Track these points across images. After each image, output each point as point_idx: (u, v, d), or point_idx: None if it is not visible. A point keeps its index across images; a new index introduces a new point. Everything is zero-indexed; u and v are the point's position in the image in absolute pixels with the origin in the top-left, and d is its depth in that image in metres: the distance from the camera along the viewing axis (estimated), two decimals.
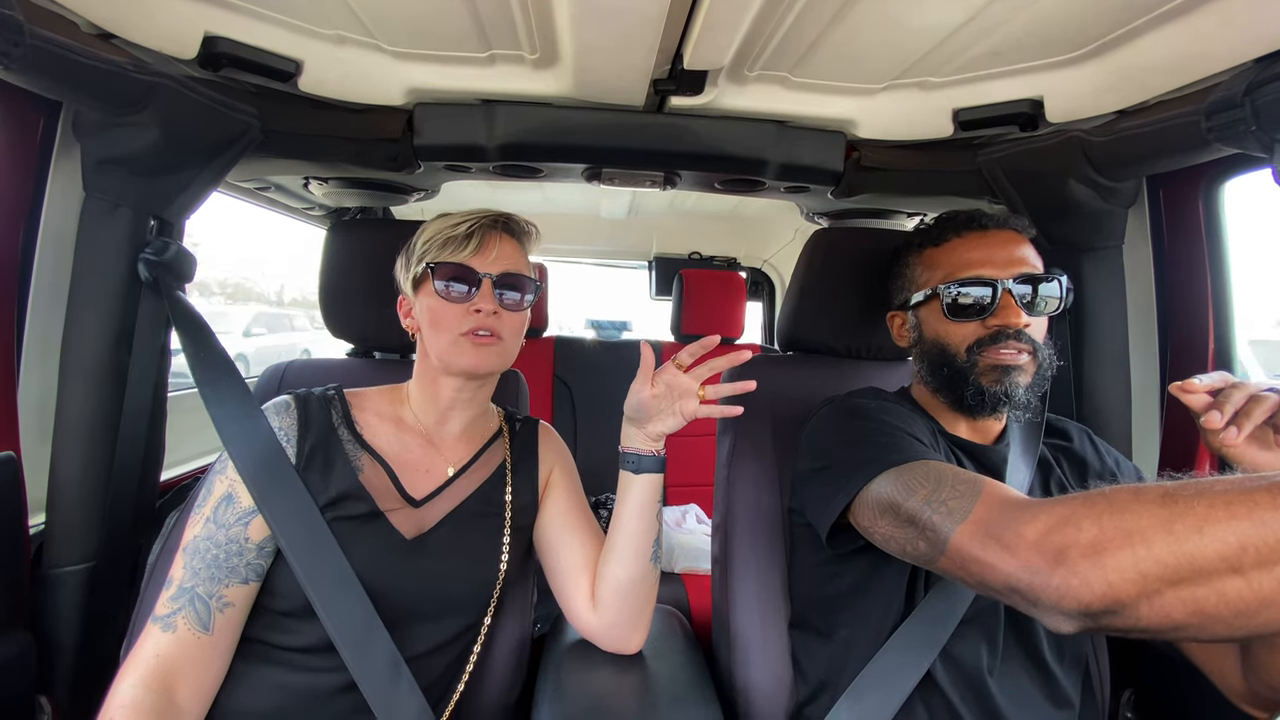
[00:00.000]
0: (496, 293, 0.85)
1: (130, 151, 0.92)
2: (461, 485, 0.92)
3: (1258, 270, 1.23)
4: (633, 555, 0.90)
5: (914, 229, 0.97)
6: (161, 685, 0.72)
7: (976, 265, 0.87)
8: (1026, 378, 0.85)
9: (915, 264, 0.96)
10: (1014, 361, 0.85)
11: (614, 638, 0.94)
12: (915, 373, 0.99)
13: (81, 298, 0.96)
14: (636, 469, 0.90)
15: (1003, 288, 0.85)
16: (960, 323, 0.88)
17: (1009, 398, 0.85)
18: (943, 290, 0.88)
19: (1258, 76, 0.75)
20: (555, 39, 0.91)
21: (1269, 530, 0.45)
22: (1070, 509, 0.55)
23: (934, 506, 0.67)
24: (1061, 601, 0.53)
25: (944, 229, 0.92)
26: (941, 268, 0.91)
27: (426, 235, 0.88)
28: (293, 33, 0.94)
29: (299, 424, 0.85)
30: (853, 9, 0.82)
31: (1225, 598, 0.46)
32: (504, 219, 0.90)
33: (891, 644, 0.83)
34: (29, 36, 0.70)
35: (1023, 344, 0.85)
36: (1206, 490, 0.49)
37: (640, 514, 0.90)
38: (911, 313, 0.96)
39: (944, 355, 0.90)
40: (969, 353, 0.87)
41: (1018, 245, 0.89)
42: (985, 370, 0.86)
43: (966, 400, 0.88)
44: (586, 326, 3.21)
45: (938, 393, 0.93)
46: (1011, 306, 0.85)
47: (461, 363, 0.85)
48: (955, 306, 0.88)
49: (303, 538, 0.78)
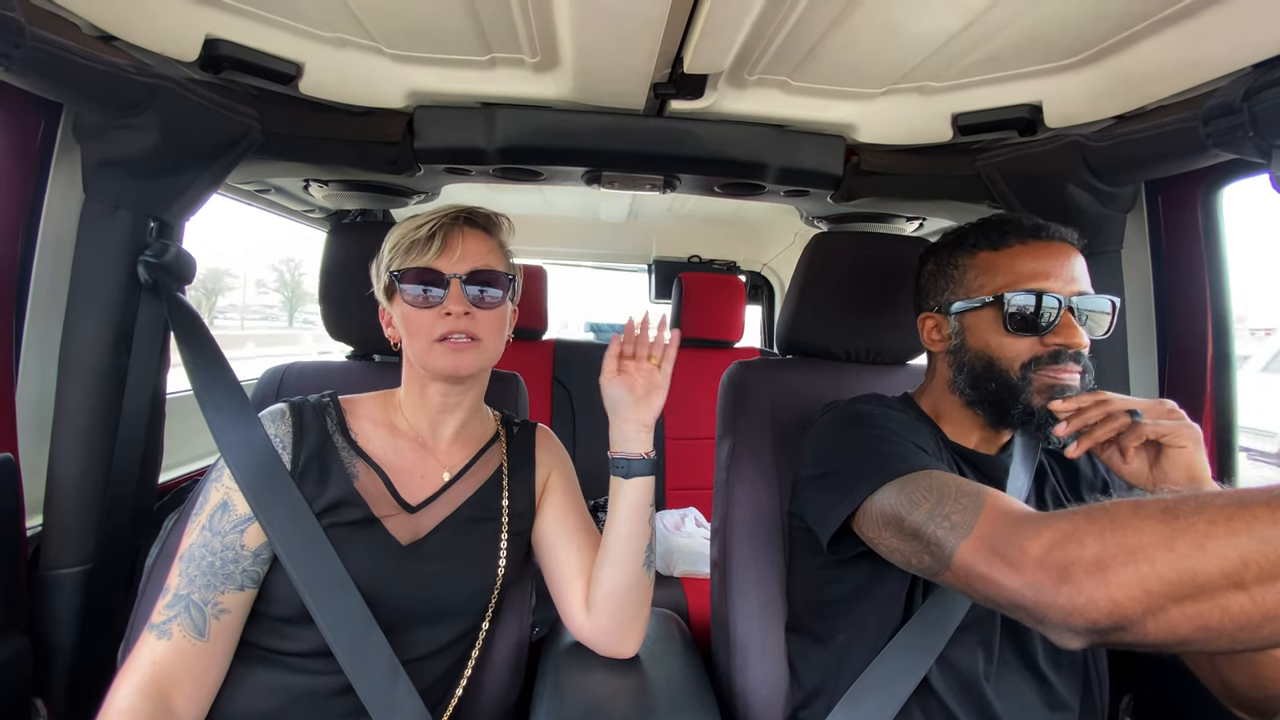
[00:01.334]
0: (469, 291, 0.84)
1: (130, 153, 0.92)
2: (457, 490, 0.91)
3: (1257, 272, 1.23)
4: (626, 560, 0.89)
5: (959, 228, 0.92)
6: (158, 692, 0.72)
7: (1042, 277, 0.82)
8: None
9: (967, 266, 0.89)
10: (1070, 383, 0.81)
11: (608, 642, 0.94)
12: (943, 380, 0.93)
13: (81, 300, 0.96)
14: (626, 473, 0.89)
15: (1066, 305, 0.81)
16: (1019, 336, 0.83)
17: (1054, 419, 0.81)
18: (1008, 299, 0.82)
19: (1256, 82, 0.75)
20: (556, 42, 0.92)
21: (1270, 545, 0.45)
22: (1073, 525, 0.55)
23: (937, 521, 0.67)
24: (1069, 619, 0.53)
25: (1005, 233, 0.86)
26: (1002, 274, 0.84)
27: (392, 241, 0.86)
28: (293, 35, 0.94)
29: (294, 431, 0.85)
30: (852, 14, 0.82)
31: (1229, 613, 0.46)
32: (466, 213, 0.88)
33: (889, 650, 0.83)
34: (30, 38, 0.70)
35: (1080, 366, 0.81)
36: (1208, 504, 0.49)
37: (632, 518, 0.89)
38: (955, 318, 0.90)
39: (992, 369, 0.85)
40: (1024, 369, 0.82)
41: (1076, 261, 0.84)
42: (1040, 389, 0.82)
43: (1013, 417, 0.84)
44: (586, 330, 3.21)
45: (974, 405, 0.89)
46: (1074, 326, 0.81)
47: (440, 367, 0.84)
48: (1018, 319, 0.82)
49: (299, 545, 0.78)
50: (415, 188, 1.49)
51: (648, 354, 0.92)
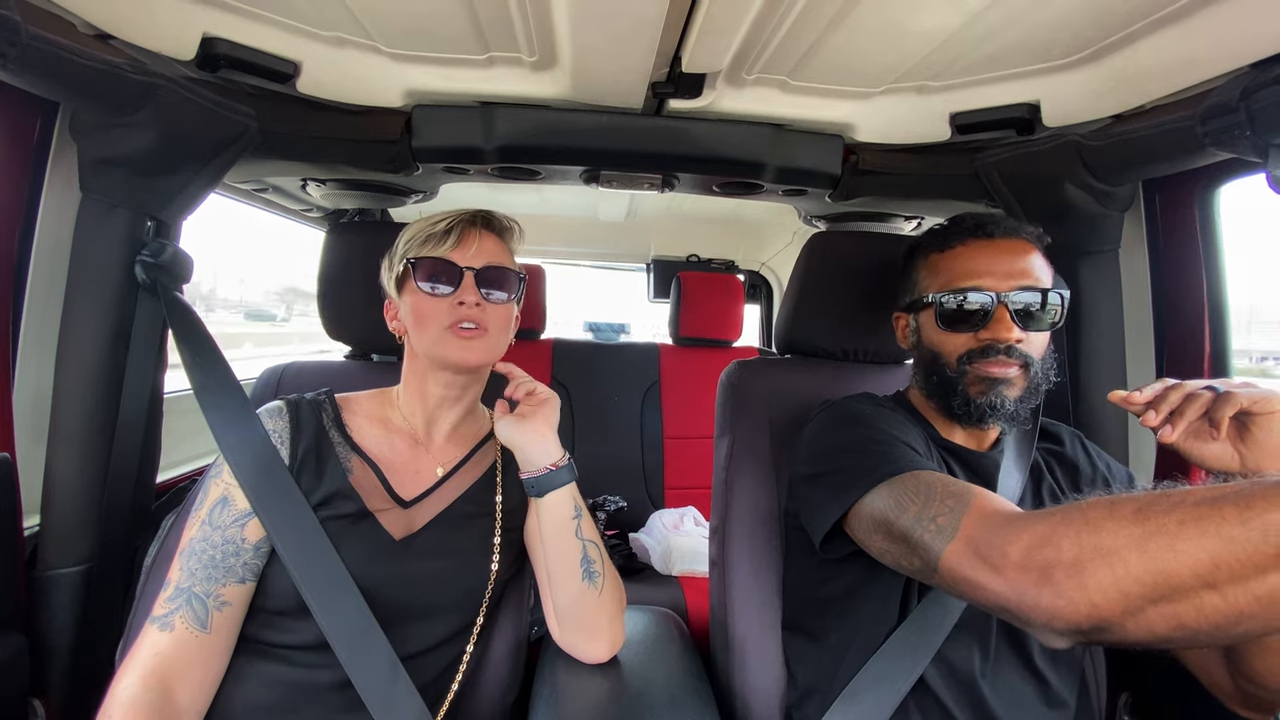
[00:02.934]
0: (480, 288, 0.85)
1: (127, 152, 0.92)
2: (451, 487, 0.91)
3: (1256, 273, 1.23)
4: (562, 579, 0.88)
5: (928, 230, 0.96)
6: (160, 684, 0.72)
7: (976, 275, 0.86)
8: (1016, 391, 0.85)
9: (921, 267, 0.94)
10: (1002, 375, 0.84)
11: (575, 653, 0.94)
12: (913, 376, 0.99)
13: (78, 299, 0.95)
14: (539, 491, 0.87)
15: (999, 301, 0.84)
16: (953, 333, 0.87)
17: (994, 410, 0.84)
18: (937, 299, 0.88)
19: (1253, 81, 0.75)
20: (554, 41, 0.91)
21: (1238, 546, 0.45)
22: (1050, 527, 0.56)
23: (924, 524, 0.67)
24: (1052, 621, 0.54)
25: (950, 235, 0.91)
26: (942, 275, 0.89)
27: (408, 236, 0.88)
28: (291, 34, 0.94)
29: (291, 427, 0.86)
30: (851, 13, 0.82)
31: (1204, 612, 0.47)
32: (483, 215, 0.90)
33: (885, 648, 0.83)
34: (26, 36, 0.70)
35: (1013, 358, 0.84)
36: (1179, 504, 0.49)
37: (557, 535, 0.87)
38: (913, 316, 0.96)
39: (936, 363, 0.90)
40: (959, 363, 0.87)
41: (1023, 255, 0.86)
42: (973, 381, 0.86)
43: (954, 409, 0.88)
44: (585, 329, 3.21)
45: (931, 399, 0.94)
46: (1005, 320, 0.84)
47: (449, 356, 0.85)
48: (948, 316, 0.87)
49: (298, 541, 0.79)
50: (413, 187, 1.49)
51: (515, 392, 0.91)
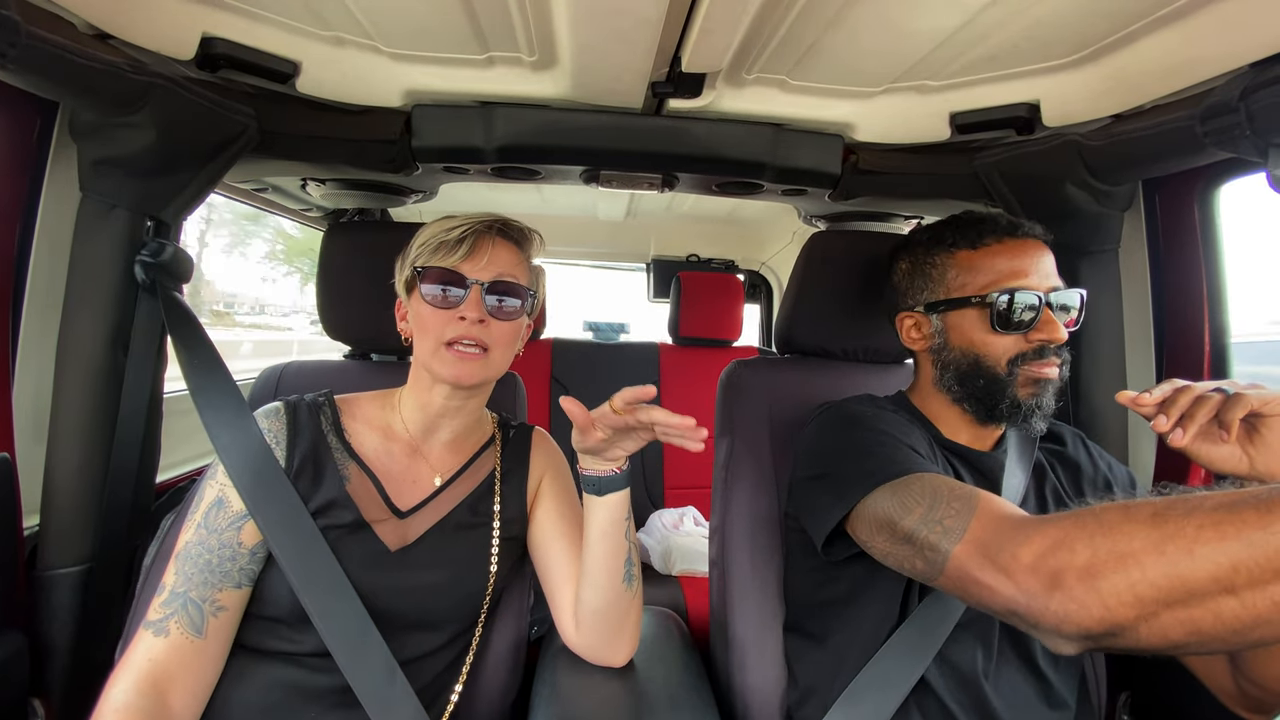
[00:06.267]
0: (488, 300, 0.83)
1: (127, 152, 0.92)
2: (449, 496, 0.90)
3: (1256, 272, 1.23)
4: (604, 580, 0.86)
5: (932, 226, 0.94)
6: (154, 689, 0.72)
7: (1021, 275, 0.84)
8: (1055, 389, 0.85)
9: (947, 265, 0.90)
10: (1051, 375, 0.84)
11: (596, 655, 0.93)
12: (928, 378, 0.95)
13: (77, 299, 0.95)
14: (599, 490, 0.84)
15: (1045, 302, 0.84)
16: (1004, 334, 0.85)
17: (1041, 410, 0.84)
18: (995, 299, 0.84)
19: (1253, 81, 0.75)
20: (553, 41, 0.91)
21: (1259, 550, 0.45)
22: (1063, 530, 0.55)
23: (930, 525, 0.67)
24: (1061, 626, 0.53)
25: (982, 231, 0.88)
26: (984, 274, 0.86)
27: (422, 239, 0.86)
28: (290, 34, 0.94)
29: (288, 429, 0.85)
30: (851, 13, 0.82)
31: (1221, 618, 0.46)
32: (500, 223, 0.88)
33: (887, 649, 0.83)
34: (25, 36, 0.70)
35: (1061, 358, 0.84)
36: (1197, 508, 0.49)
37: (607, 536, 0.85)
38: (936, 317, 0.91)
39: (979, 366, 0.87)
40: (1010, 365, 0.85)
41: (1047, 257, 0.87)
42: (1025, 383, 0.84)
43: (1000, 411, 0.86)
44: (584, 329, 3.21)
45: (962, 401, 0.90)
46: (1054, 321, 0.83)
47: (442, 373, 0.83)
48: (1004, 318, 0.84)
49: (296, 544, 0.78)
50: (413, 186, 1.49)
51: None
